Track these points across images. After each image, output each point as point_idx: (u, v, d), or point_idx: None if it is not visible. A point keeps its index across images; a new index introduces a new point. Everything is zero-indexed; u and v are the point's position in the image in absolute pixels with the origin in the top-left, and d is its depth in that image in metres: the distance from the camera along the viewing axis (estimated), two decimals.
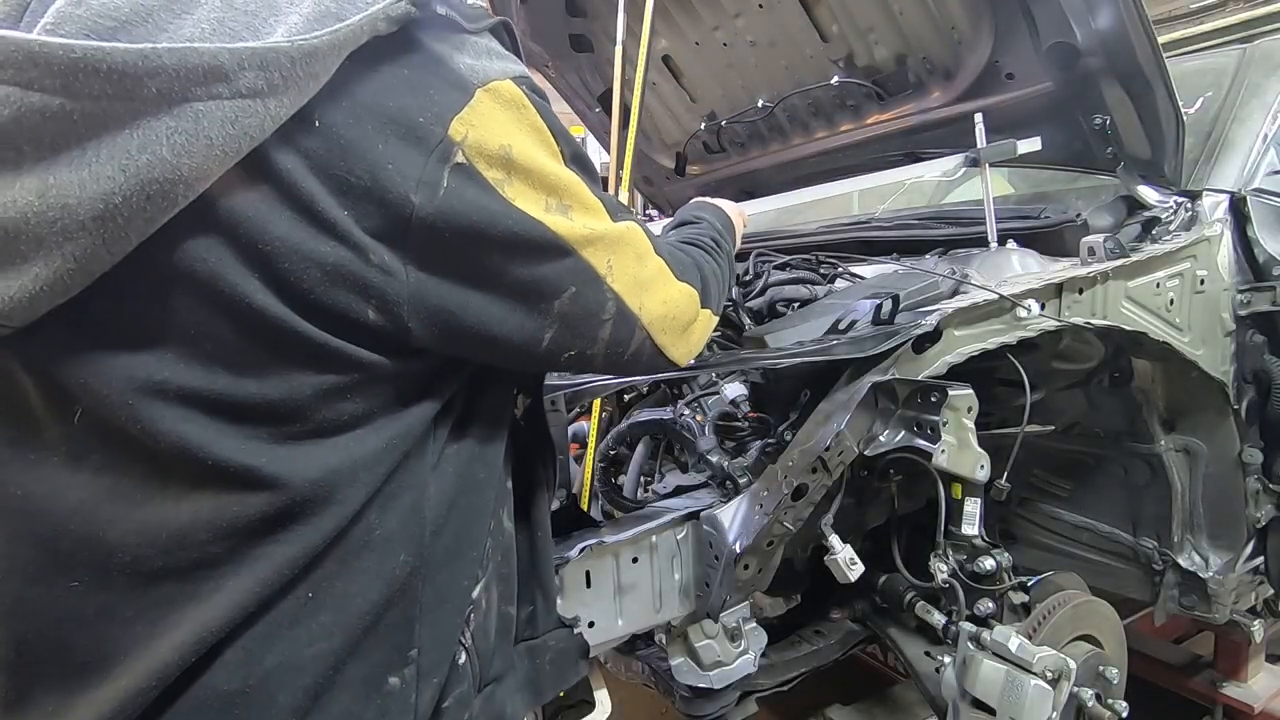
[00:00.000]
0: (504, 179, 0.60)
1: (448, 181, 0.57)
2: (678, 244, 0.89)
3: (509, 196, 0.61)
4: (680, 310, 0.80)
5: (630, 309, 0.73)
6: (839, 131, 2.13)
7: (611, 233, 0.70)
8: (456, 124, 0.57)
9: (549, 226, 0.64)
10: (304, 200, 0.53)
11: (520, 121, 0.62)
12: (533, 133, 0.63)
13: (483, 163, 0.59)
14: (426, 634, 0.67)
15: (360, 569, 0.63)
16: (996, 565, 1.28)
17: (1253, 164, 1.74)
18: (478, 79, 0.59)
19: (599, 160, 5.17)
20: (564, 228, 0.65)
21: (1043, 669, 1.16)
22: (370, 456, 0.62)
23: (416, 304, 0.59)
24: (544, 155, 0.64)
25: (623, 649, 1.39)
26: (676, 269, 0.80)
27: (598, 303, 0.70)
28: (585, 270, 0.68)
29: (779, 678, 1.50)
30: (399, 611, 0.65)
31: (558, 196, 0.65)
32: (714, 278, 0.89)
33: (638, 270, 0.74)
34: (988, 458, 1.20)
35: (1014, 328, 1.29)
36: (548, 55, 2.51)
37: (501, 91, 0.61)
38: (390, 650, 0.65)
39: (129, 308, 0.54)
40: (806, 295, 1.54)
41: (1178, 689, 2.19)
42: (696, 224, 1.04)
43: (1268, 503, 1.75)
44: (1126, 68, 1.44)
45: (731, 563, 1.12)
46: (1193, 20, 2.64)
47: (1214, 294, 1.61)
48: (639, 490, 1.48)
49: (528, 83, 0.64)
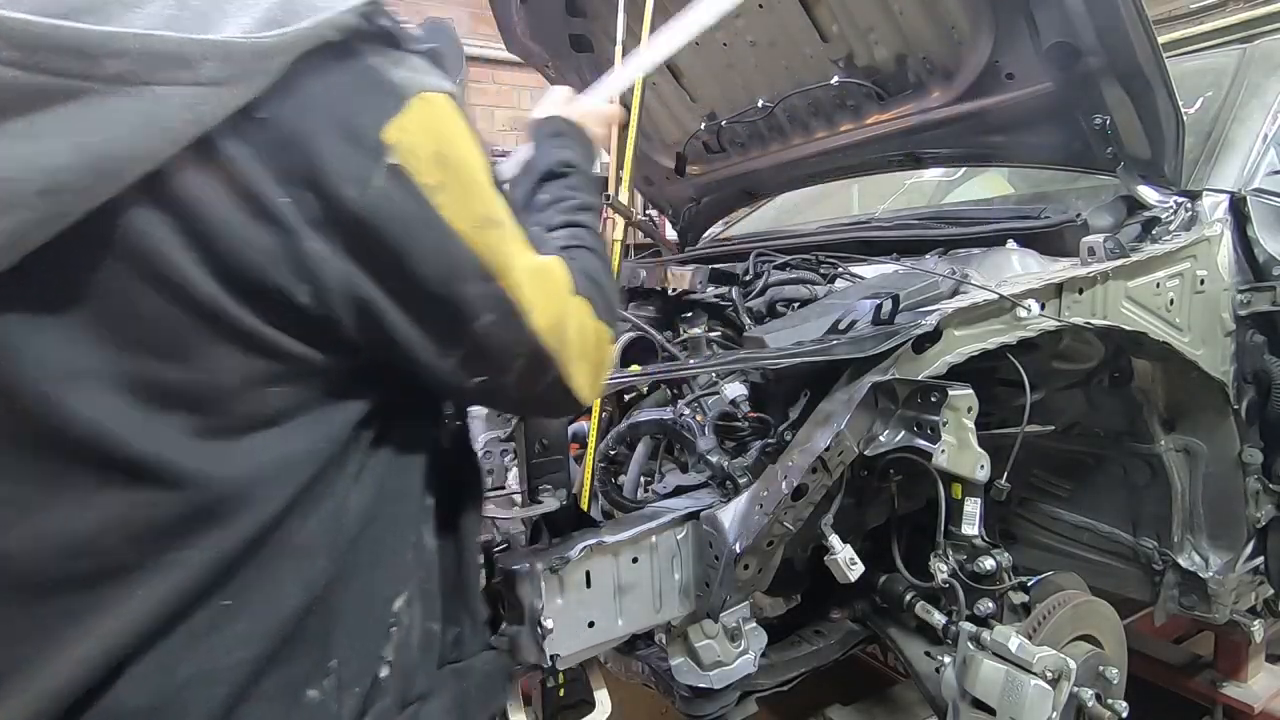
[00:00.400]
0: (436, 186, 0.61)
1: (377, 180, 0.58)
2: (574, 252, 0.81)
3: (437, 205, 0.61)
4: (594, 350, 0.77)
5: (547, 349, 0.71)
6: (839, 131, 2.13)
7: (534, 265, 0.69)
8: (391, 127, 0.59)
9: (472, 248, 0.64)
10: (247, 186, 0.55)
11: (453, 132, 0.64)
12: (465, 145, 0.65)
13: (414, 166, 0.60)
14: (346, 645, 0.66)
15: (280, 576, 0.62)
16: (996, 565, 1.28)
17: (1253, 164, 1.74)
18: (413, 89, 0.61)
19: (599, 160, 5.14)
20: (488, 252, 0.65)
21: (1043, 669, 1.16)
22: (293, 458, 0.61)
23: (346, 293, 0.59)
24: (476, 169, 0.65)
25: (623, 649, 1.39)
26: (597, 308, 0.77)
27: (515, 336, 0.68)
28: (504, 301, 0.66)
29: (779, 678, 1.50)
30: (318, 620, 0.64)
31: (487, 216, 0.65)
32: (615, 305, 0.85)
33: (560, 307, 0.72)
34: (988, 458, 1.20)
35: (1014, 328, 1.29)
36: (548, 55, 2.51)
37: (435, 101, 0.63)
38: (309, 661, 0.64)
39: (54, 286, 0.53)
40: (806, 295, 1.54)
41: (1178, 689, 2.19)
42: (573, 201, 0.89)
43: (1268, 503, 1.75)
44: (1126, 68, 1.44)
45: (731, 563, 1.12)
46: (1193, 20, 2.64)
47: (1214, 294, 1.61)
48: (639, 490, 1.48)
49: (459, 100, 0.66)
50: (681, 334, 1.66)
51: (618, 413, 1.72)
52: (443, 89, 0.64)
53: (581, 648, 1.14)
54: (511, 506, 1.17)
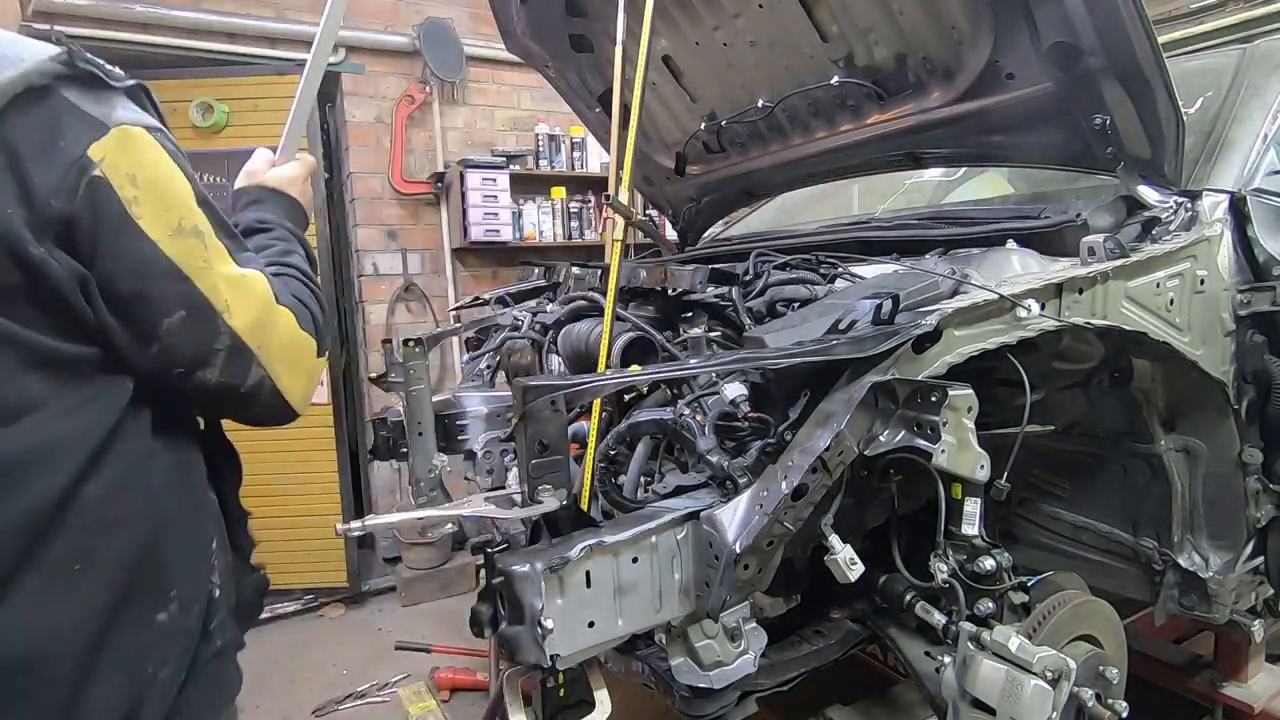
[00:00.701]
0: (133, 199, 0.74)
1: (83, 190, 0.72)
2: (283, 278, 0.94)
3: (135, 215, 0.75)
4: (300, 357, 0.90)
5: (248, 346, 0.83)
6: (839, 131, 2.13)
7: (233, 274, 0.82)
8: (95, 148, 0.73)
9: (165, 251, 0.77)
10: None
11: (150, 159, 0.77)
12: (164, 168, 0.78)
13: (116, 180, 0.73)
14: (180, 578, 0.84)
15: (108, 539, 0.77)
16: (996, 565, 1.27)
17: (1253, 164, 1.74)
18: (114, 121, 0.74)
19: (599, 160, 5.18)
20: (182, 256, 0.78)
21: (1043, 669, 1.16)
22: (65, 436, 0.74)
23: (73, 287, 0.72)
24: (174, 189, 0.79)
25: (623, 649, 1.39)
26: (301, 320, 0.90)
27: (209, 333, 0.81)
28: (198, 300, 0.79)
29: (779, 678, 1.50)
30: (151, 565, 0.80)
31: (183, 227, 0.79)
32: (321, 323, 0.96)
33: (261, 314, 0.84)
34: (988, 458, 1.20)
35: (1014, 328, 1.29)
36: (548, 55, 2.51)
37: (134, 133, 0.76)
38: (153, 595, 0.81)
39: None
40: (806, 295, 1.54)
41: (1178, 689, 2.19)
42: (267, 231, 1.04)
43: (1268, 503, 1.75)
44: (1126, 68, 1.44)
45: (731, 563, 1.12)
46: (1193, 20, 2.65)
47: (1214, 294, 1.61)
48: (639, 490, 1.48)
49: (161, 134, 0.80)
50: (681, 334, 1.66)
51: (618, 413, 1.72)
52: (140, 123, 0.77)
53: (581, 648, 1.14)
54: (511, 506, 1.17)
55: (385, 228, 4.23)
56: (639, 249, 3.40)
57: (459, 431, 2.16)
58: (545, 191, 4.53)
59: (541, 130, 4.52)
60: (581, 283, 2.29)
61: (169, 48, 3.61)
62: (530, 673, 1.25)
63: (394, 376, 2.10)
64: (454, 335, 3.45)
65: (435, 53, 4.15)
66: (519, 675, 1.28)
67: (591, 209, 4.64)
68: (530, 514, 1.13)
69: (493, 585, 1.13)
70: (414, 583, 3.91)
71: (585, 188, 4.65)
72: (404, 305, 4.32)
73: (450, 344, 4.23)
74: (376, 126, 4.18)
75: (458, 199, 4.17)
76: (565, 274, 2.44)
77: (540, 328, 2.10)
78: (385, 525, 1.17)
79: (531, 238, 4.45)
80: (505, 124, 4.58)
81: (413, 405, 1.99)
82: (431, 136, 4.33)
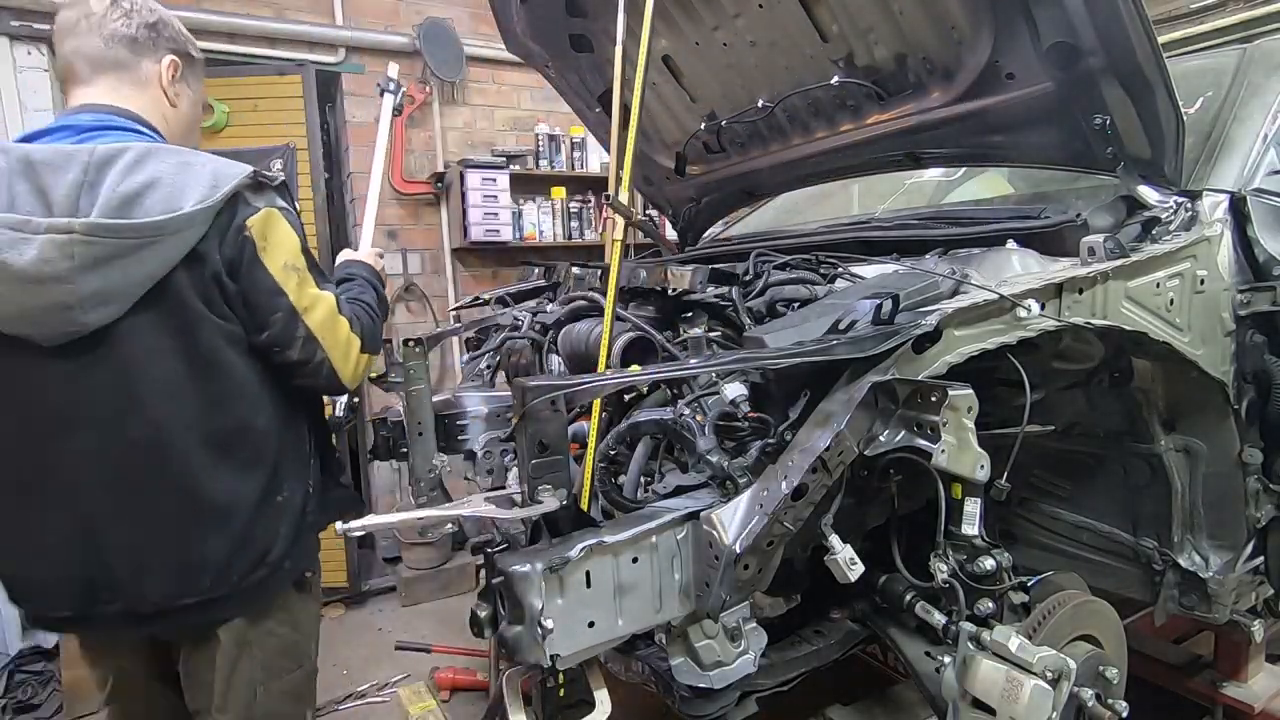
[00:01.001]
0: (264, 248, 1.25)
1: (240, 241, 1.23)
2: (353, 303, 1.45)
3: (263, 256, 1.25)
4: (350, 350, 1.38)
5: (317, 337, 1.31)
6: (839, 131, 2.13)
7: (314, 293, 1.31)
8: (249, 222, 1.24)
9: (276, 278, 1.26)
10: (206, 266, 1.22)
11: (277, 226, 1.27)
12: (284, 232, 1.28)
13: (256, 237, 1.24)
14: (290, 478, 1.36)
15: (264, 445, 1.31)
16: (996, 565, 1.27)
17: (1253, 164, 1.74)
18: (263, 206, 1.26)
19: (599, 160, 5.18)
20: (285, 282, 1.27)
21: (1043, 669, 1.16)
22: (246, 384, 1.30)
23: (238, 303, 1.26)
24: (289, 244, 1.29)
25: (623, 649, 1.39)
26: (354, 326, 1.38)
27: (295, 326, 1.29)
28: (289, 307, 1.27)
29: (779, 678, 1.50)
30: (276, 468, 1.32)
31: (290, 266, 1.28)
32: (371, 332, 1.44)
33: (326, 318, 1.33)
34: (988, 458, 1.20)
35: (1014, 328, 1.29)
36: (548, 55, 2.51)
37: (272, 213, 1.27)
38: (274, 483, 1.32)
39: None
40: (806, 295, 1.54)
41: (1178, 689, 2.19)
42: (352, 281, 1.58)
43: (1268, 503, 1.75)
44: (1126, 68, 1.44)
45: (731, 563, 1.12)
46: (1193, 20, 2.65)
47: (1214, 294, 1.61)
48: (639, 490, 1.48)
49: (288, 213, 1.31)
50: (681, 334, 1.66)
51: (618, 413, 1.72)
52: (275, 206, 1.28)
53: (581, 648, 1.14)
54: (511, 506, 1.17)
55: (385, 228, 4.23)
56: (639, 249, 3.40)
57: (459, 431, 2.16)
58: (545, 191, 4.53)
59: (541, 130, 4.53)
60: (581, 283, 2.29)
61: None
62: (530, 673, 1.25)
63: (394, 376, 2.11)
64: (454, 335, 3.45)
65: (435, 53, 4.15)
66: (519, 675, 1.28)
67: (591, 209, 4.64)
68: (530, 514, 1.13)
69: (493, 585, 1.13)
70: (414, 583, 3.91)
71: (585, 188, 4.65)
72: (404, 305, 4.33)
73: (450, 344, 4.23)
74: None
75: (458, 199, 4.17)
76: (565, 274, 2.45)
77: (540, 328, 2.10)
78: (385, 525, 1.17)
79: (531, 238, 4.45)
80: (505, 124, 4.58)
81: (413, 405, 1.99)
82: (431, 136, 4.33)
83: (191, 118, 1.47)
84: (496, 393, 2.25)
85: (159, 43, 1.38)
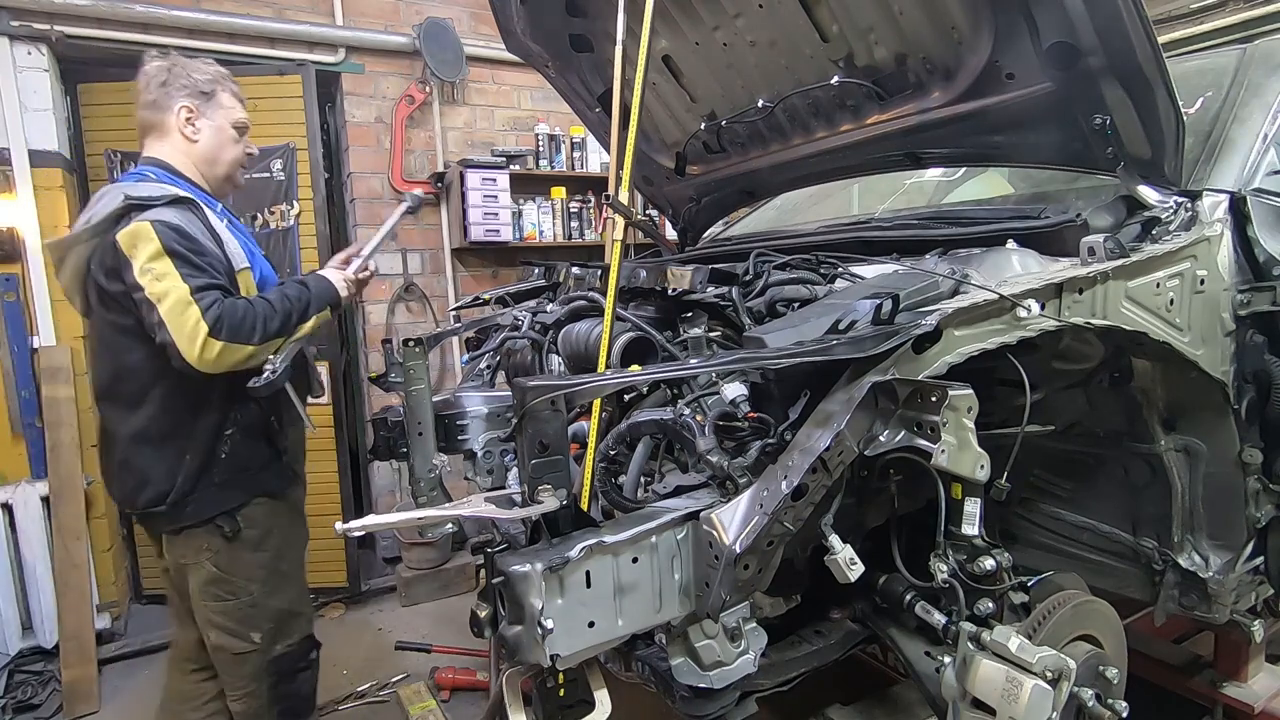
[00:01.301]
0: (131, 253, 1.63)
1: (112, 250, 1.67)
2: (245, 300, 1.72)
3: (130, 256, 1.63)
4: (195, 334, 1.60)
5: (166, 321, 1.61)
6: (839, 131, 2.13)
7: (165, 286, 1.61)
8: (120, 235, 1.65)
9: (139, 275, 1.62)
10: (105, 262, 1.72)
11: (144, 234, 1.63)
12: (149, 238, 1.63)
13: (126, 247, 1.64)
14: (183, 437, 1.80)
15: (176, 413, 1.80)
16: (996, 565, 1.27)
17: (1253, 164, 1.74)
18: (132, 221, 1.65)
19: (599, 160, 5.17)
20: (145, 278, 1.62)
21: (1043, 669, 1.16)
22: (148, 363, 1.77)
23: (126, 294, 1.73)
24: (149, 249, 1.62)
25: (623, 649, 1.39)
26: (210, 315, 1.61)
27: (151, 315, 1.63)
28: (146, 297, 1.62)
29: (779, 678, 1.50)
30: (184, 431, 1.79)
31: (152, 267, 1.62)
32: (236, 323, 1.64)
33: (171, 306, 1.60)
34: (988, 458, 1.20)
35: (1014, 328, 1.28)
36: (548, 55, 2.51)
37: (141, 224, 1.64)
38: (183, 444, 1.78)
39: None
40: (806, 295, 1.54)
41: (1178, 689, 2.19)
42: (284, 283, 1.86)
43: (1268, 503, 1.75)
44: (1126, 68, 1.44)
45: (731, 563, 1.12)
46: (1193, 20, 2.65)
47: (1214, 294, 1.61)
48: (639, 490, 1.48)
49: (159, 224, 1.64)
50: (681, 334, 1.66)
51: (618, 413, 1.72)
52: (146, 219, 1.64)
53: (581, 648, 1.14)
54: (511, 506, 1.17)
55: None
56: (639, 249, 3.40)
57: (459, 431, 2.16)
58: (545, 191, 4.53)
59: (541, 130, 4.53)
60: (581, 283, 2.29)
61: (169, 48, 3.60)
62: (530, 673, 1.25)
63: (394, 376, 2.11)
64: (454, 335, 3.44)
65: (435, 53, 4.15)
66: (519, 675, 1.28)
67: (591, 209, 4.64)
68: (530, 514, 1.13)
69: (493, 585, 1.13)
70: (414, 583, 3.91)
71: (585, 188, 4.65)
72: (404, 305, 4.32)
73: (450, 344, 4.23)
74: (376, 126, 4.19)
75: (458, 199, 4.17)
76: (565, 274, 2.44)
77: (540, 328, 2.10)
78: (385, 525, 1.17)
79: (531, 238, 4.45)
80: (505, 124, 4.58)
81: (413, 405, 1.99)
82: (431, 136, 4.33)
83: (216, 143, 1.89)
84: (496, 393, 2.25)
85: (172, 96, 1.83)
